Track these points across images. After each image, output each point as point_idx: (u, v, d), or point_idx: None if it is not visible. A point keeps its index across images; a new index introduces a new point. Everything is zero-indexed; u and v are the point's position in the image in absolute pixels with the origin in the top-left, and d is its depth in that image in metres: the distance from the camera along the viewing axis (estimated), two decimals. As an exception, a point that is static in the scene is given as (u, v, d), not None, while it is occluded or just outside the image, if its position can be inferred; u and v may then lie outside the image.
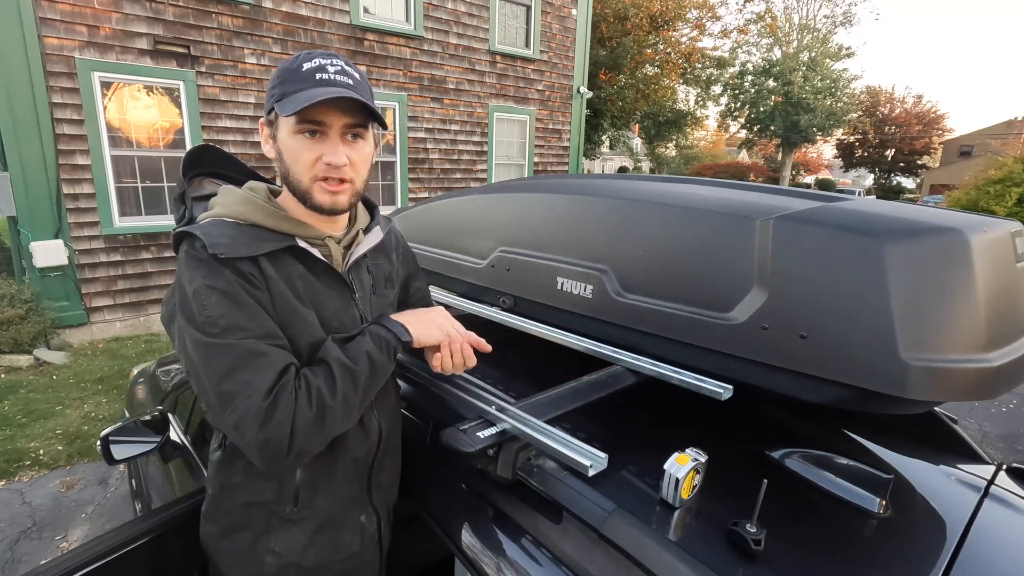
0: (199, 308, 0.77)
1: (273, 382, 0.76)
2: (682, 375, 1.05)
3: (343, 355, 0.84)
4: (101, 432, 1.29)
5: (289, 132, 0.83)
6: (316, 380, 0.80)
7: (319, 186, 0.85)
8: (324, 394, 0.79)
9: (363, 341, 0.88)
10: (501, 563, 0.88)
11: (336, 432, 0.84)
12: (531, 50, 8.60)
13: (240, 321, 0.78)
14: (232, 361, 0.76)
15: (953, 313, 0.83)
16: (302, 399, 0.78)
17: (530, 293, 1.40)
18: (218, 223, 0.84)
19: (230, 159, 1.02)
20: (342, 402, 0.81)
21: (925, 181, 33.14)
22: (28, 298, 4.69)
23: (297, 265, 0.87)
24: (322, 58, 0.83)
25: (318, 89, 0.80)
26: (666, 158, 29.48)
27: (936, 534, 0.84)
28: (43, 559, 2.44)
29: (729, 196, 1.13)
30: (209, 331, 0.77)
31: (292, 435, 0.76)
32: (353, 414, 0.86)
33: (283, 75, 0.83)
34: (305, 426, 0.77)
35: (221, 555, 0.98)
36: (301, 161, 0.83)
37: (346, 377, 0.82)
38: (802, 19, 24.67)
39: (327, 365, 0.83)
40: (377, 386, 0.90)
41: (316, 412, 0.78)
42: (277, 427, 0.75)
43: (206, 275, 0.78)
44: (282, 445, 0.76)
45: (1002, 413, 4.28)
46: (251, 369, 0.76)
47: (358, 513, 1.01)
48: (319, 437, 0.81)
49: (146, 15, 5.15)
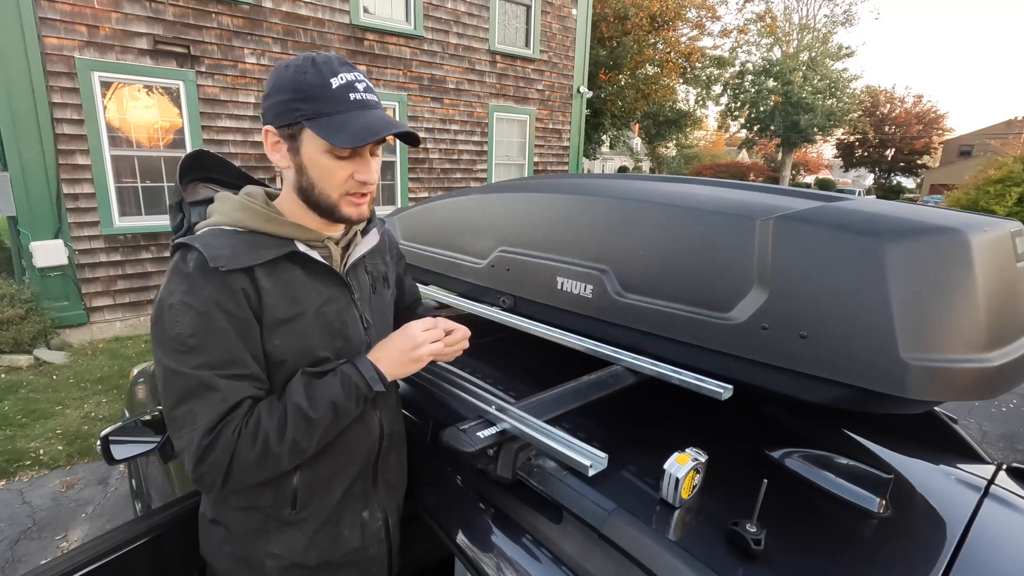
0: (171, 323, 0.78)
1: (217, 420, 0.77)
2: (682, 375, 1.05)
3: (304, 399, 0.82)
4: (101, 432, 1.28)
5: (320, 151, 0.82)
6: (267, 422, 0.79)
7: (347, 200, 0.86)
8: (271, 439, 0.79)
9: (331, 385, 0.85)
10: (501, 563, 0.88)
11: (283, 471, 0.85)
12: (531, 50, 8.60)
13: (206, 344, 0.78)
14: (183, 391, 0.78)
15: (953, 313, 0.83)
16: (245, 440, 0.78)
17: (530, 293, 1.40)
18: (217, 232, 0.84)
19: (224, 163, 1.02)
20: (290, 448, 0.81)
21: (925, 181, 33.14)
22: (28, 298, 4.69)
23: (296, 269, 0.87)
24: (345, 71, 0.82)
25: (362, 114, 0.81)
26: (666, 158, 29.47)
27: (936, 534, 0.84)
28: (43, 559, 2.44)
29: (729, 196, 1.13)
30: (175, 348, 0.77)
31: (227, 473, 0.78)
32: (306, 455, 0.86)
33: (307, 90, 0.80)
34: (244, 465, 0.79)
35: (220, 561, 0.98)
36: (334, 178, 0.84)
37: (300, 424, 0.81)
38: (802, 19, 24.68)
39: (284, 408, 0.82)
40: (339, 428, 0.89)
41: (258, 454, 0.79)
42: (213, 465, 0.77)
43: (186, 291, 0.78)
44: (215, 482, 0.79)
45: (1002, 413, 4.27)
46: (199, 402, 0.77)
47: (359, 510, 1.00)
48: (259, 475, 0.82)
49: (146, 15, 5.15)
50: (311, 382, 0.85)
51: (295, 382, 0.84)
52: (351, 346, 0.94)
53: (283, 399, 0.83)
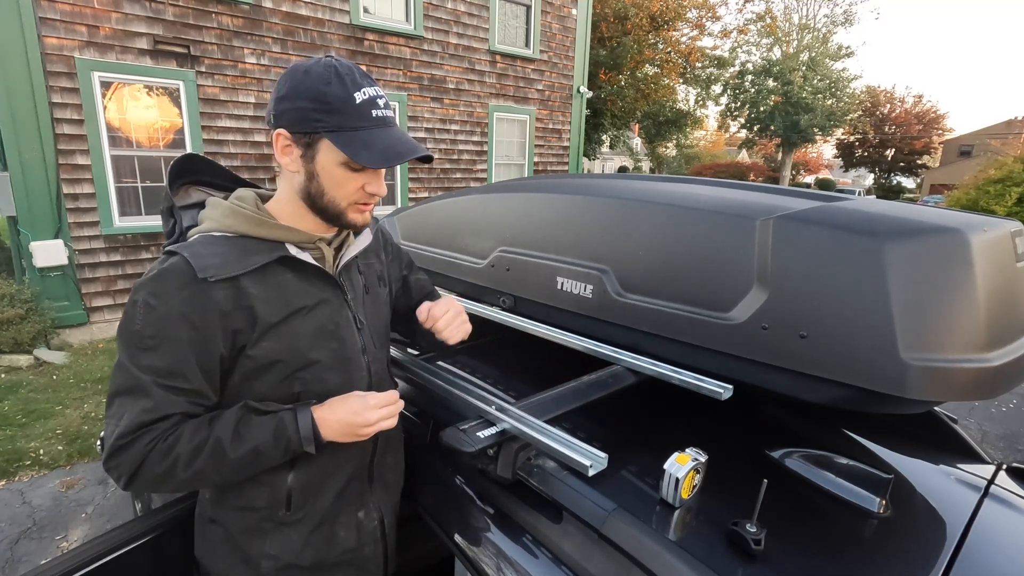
0: (132, 316, 0.79)
1: (136, 427, 0.78)
2: (682, 375, 1.05)
3: (229, 435, 0.81)
4: (101, 432, 1.28)
5: (337, 162, 0.83)
6: (183, 446, 0.80)
7: (355, 207, 0.88)
8: (179, 464, 0.80)
9: (263, 430, 0.83)
10: (501, 563, 0.88)
11: (184, 491, 0.87)
12: (531, 50, 8.59)
13: (158, 347, 0.79)
14: (122, 385, 0.80)
15: (953, 313, 0.83)
16: (156, 455, 0.79)
17: (530, 293, 1.40)
18: (207, 240, 0.84)
19: (215, 166, 1.02)
20: (193, 476, 0.81)
21: (925, 181, 33.14)
22: (28, 298, 4.69)
23: (287, 273, 0.88)
24: (367, 85, 0.82)
25: (384, 133, 0.82)
26: (666, 158, 29.47)
27: (936, 534, 0.84)
28: (43, 559, 2.44)
29: (729, 196, 1.13)
30: (130, 341, 0.79)
31: (132, 477, 0.80)
32: (208, 484, 0.87)
33: (331, 102, 0.79)
34: (146, 475, 0.80)
35: (217, 561, 0.98)
36: (345, 189, 0.85)
37: (213, 459, 0.81)
38: (802, 19, 24.67)
39: (206, 437, 0.81)
40: (258, 471, 0.87)
41: (162, 472, 0.80)
42: (119, 466, 0.79)
43: (155, 293, 0.79)
44: (119, 480, 0.81)
45: (1002, 413, 4.27)
46: (129, 402, 0.79)
47: (355, 510, 1.01)
48: (162, 488, 0.84)
49: (146, 15, 5.15)
50: (247, 418, 0.84)
51: (231, 413, 0.84)
52: (345, 347, 0.94)
53: (211, 426, 0.82)
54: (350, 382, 0.95)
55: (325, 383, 0.91)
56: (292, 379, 0.88)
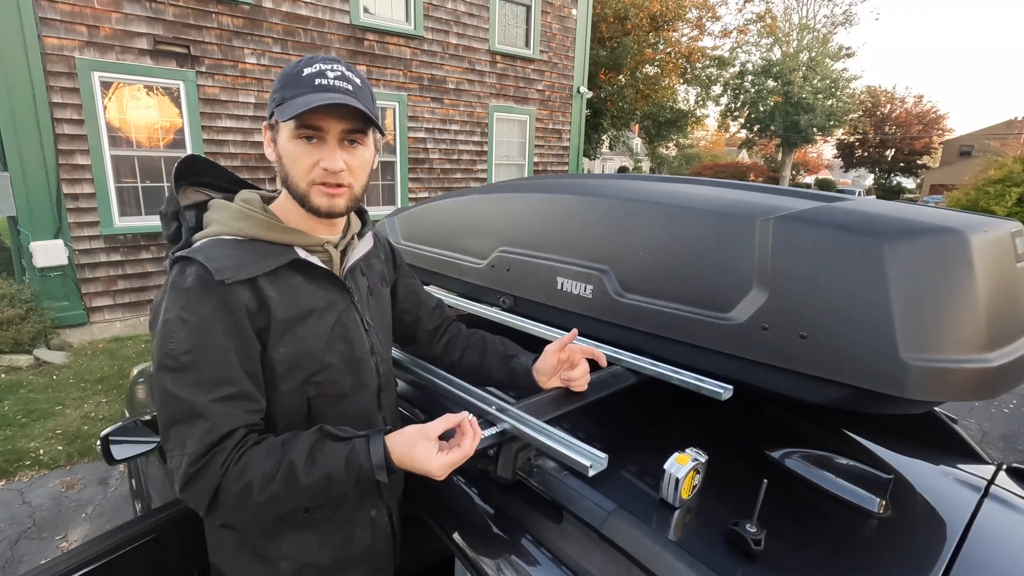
0: (166, 338, 0.77)
1: (204, 450, 0.76)
2: (682, 375, 1.05)
3: (302, 462, 0.78)
4: (101, 432, 1.28)
5: (288, 137, 0.83)
6: (255, 469, 0.77)
7: (317, 189, 0.85)
8: (252, 487, 0.77)
9: (337, 457, 0.79)
10: (501, 563, 0.88)
11: (263, 517, 0.85)
12: (531, 50, 8.60)
13: (200, 361, 0.77)
14: (175, 414, 0.77)
15: (953, 313, 0.83)
16: (230, 477, 0.76)
17: (530, 293, 1.40)
18: (217, 243, 0.84)
19: (216, 167, 1.01)
20: (269, 501, 0.78)
21: (925, 181, 33.14)
22: (28, 298, 4.69)
23: (297, 276, 0.87)
24: (323, 63, 0.83)
25: (316, 95, 0.79)
26: (666, 158, 29.48)
27: (936, 534, 0.84)
28: (43, 559, 2.44)
29: (729, 196, 1.13)
30: (169, 365, 0.77)
31: (212, 502, 0.78)
32: (283, 511, 0.82)
33: (284, 80, 0.83)
34: (225, 500, 0.77)
35: (233, 564, 0.97)
36: (299, 166, 0.83)
37: (286, 483, 0.77)
38: (802, 19, 24.68)
39: (279, 460, 0.78)
40: (332, 497, 0.83)
41: (238, 493, 0.77)
42: (199, 493, 0.77)
43: (185, 305, 0.77)
44: (200, 507, 0.79)
45: (1002, 413, 4.27)
46: (187, 429, 0.77)
47: (368, 508, 1.01)
48: (240, 516, 0.82)
49: (146, 15, 5.15)
50: (321, 442, 0.81)
51: (305, 437, 0.81)
52: (355, 349, 0.94)
53: (284, 448, 0.79)
54: (361, 384, 0.95)
55: (337, 385, 0.91)
56: (308, 384, 0.88)
